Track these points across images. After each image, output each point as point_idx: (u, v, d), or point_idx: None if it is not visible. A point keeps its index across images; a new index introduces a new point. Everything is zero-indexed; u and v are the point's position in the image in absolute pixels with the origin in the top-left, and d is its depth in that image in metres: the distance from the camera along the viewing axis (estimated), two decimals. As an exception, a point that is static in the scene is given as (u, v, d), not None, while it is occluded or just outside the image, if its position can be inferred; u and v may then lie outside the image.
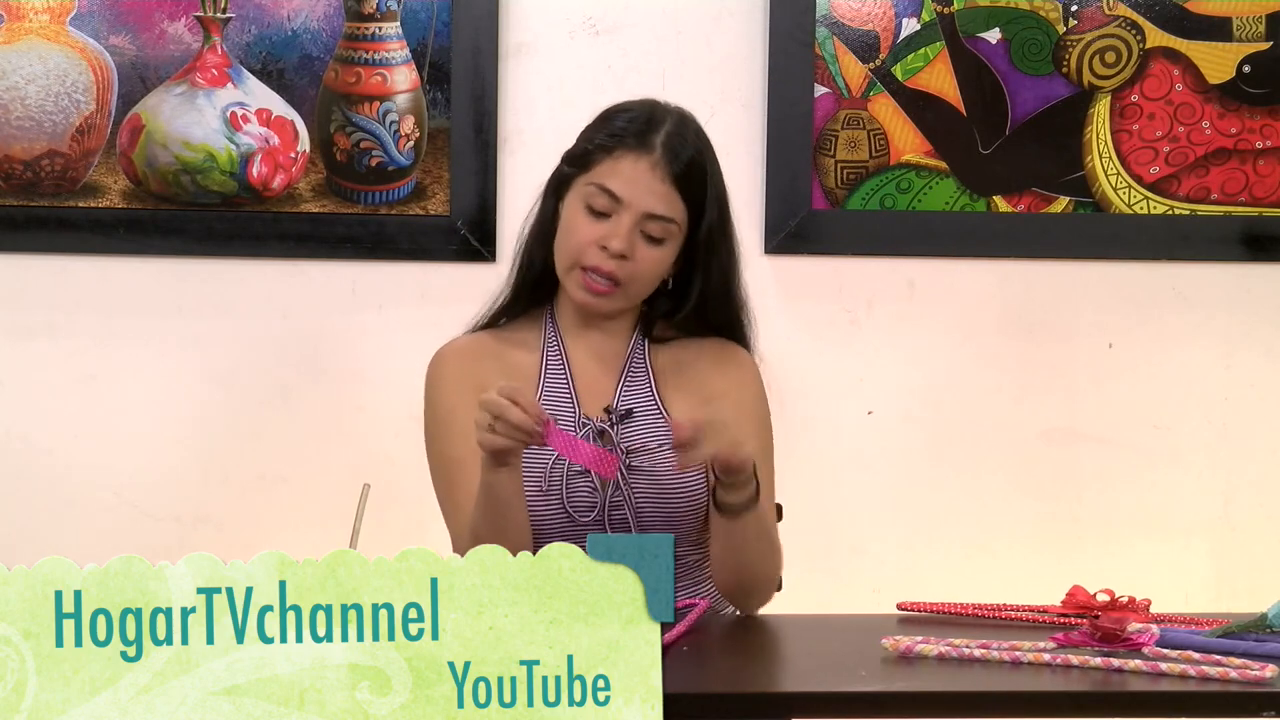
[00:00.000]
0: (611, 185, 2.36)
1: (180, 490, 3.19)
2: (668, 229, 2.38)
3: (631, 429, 2.41)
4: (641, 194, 2.36)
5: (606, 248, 2.36)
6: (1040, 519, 3.29)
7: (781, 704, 1.95)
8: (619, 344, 2.47)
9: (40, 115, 3.16)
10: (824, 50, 3.21)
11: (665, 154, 2.37)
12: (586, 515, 2.38)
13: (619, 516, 2.38)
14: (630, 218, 2.36)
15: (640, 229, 2.37)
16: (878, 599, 2.90)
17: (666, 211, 2.37)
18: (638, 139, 2.38)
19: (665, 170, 2.36)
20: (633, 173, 2.36)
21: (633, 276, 2.38)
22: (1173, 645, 1.99)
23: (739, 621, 2.42)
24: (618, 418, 2.41)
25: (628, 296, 2.41)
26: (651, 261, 2.39)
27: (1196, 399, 3.31)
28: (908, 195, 3.24)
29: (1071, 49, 3.25)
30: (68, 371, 3.19)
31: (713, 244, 2.43)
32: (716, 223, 2.42)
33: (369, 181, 3.19)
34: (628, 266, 2.37)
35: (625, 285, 2.39)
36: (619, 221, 2.36)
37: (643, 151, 2.37)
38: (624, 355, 2.47)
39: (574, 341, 2.46)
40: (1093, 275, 3.28)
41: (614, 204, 2.36)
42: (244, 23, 3.17)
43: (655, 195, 2.36)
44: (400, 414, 3.19)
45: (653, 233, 2.37)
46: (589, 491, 2.38)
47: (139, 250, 3.18)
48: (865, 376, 3.27)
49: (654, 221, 2.37)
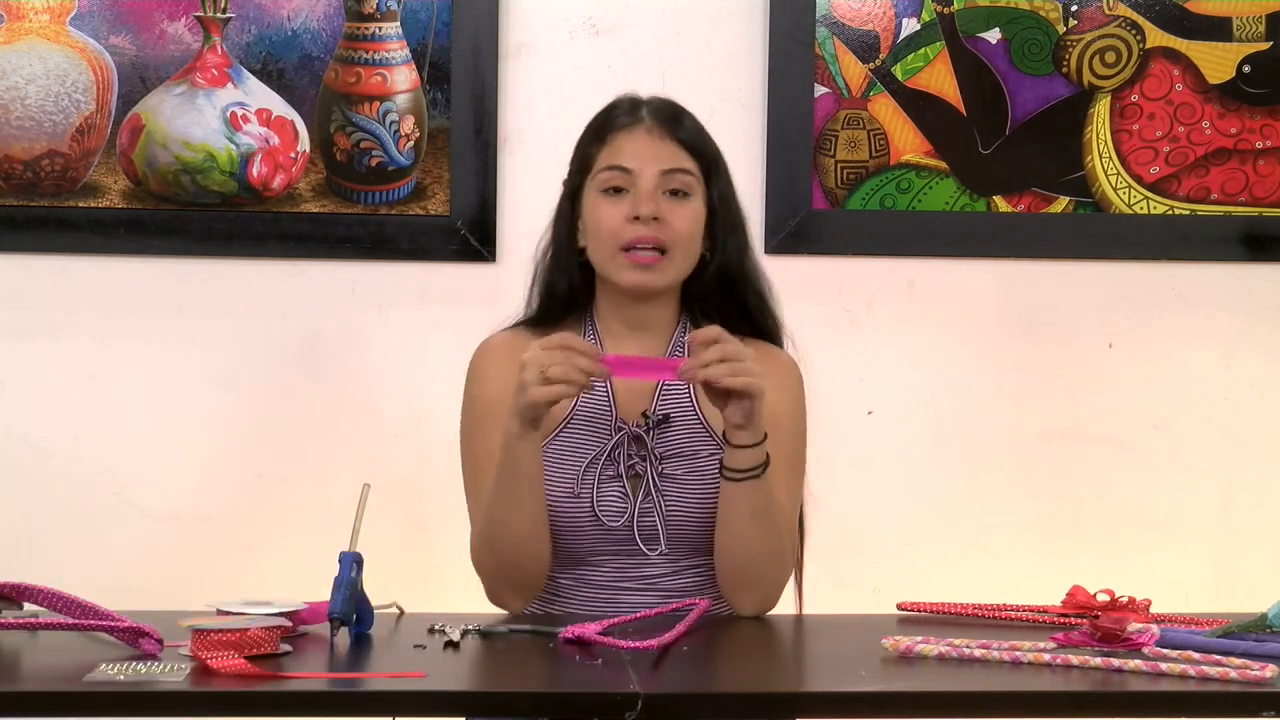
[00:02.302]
0: (619, 161, 2.40)
1: (180, 490, 3.19)
2: (686, 180, 2.41)
3: (668, 435, 2.40)
4: (649, 158, 2.40)
5: (638, 216, 2.37)
6: (1040, 519, 3.28)
7: (782, 704, 1.95)
8: (659, 348, 2.46)
9: (40, 115, 3.16)
10: (824, 50, 3.21)
11: (657, 118, 2.42)
12: (616, 520, 2.37)
13: (648, 523, 2.37)
14: (648, 180, 2.39)
15: (662, 189, 2.39)
16: (878, 599, 2.90)
17: (680, 164, 2.41)
18: (626, 117, 2.43)
19: (663, 130, 2.42)
20: (633, 144, 2.41)
21: (674, 239, 2.40)
22: (1173, 645, 1.99)
23: (739, 621, 2.42)
24: (654, 423, 2.40)
25: (675, 263, 2.41)
26: (685, 218, 2.40)
27: (1196, 399, 3.31)
28: (908, 195, 3.24)
29: (1071, 49, 3.25)
30: (68, 371, 3.19)
31: (720, 199, 2.45)
32: (722, 180, 2.45)
33: (369, 181, 3.19)
34: (666, 230, 2.38)
35: (670, 250, 2.40)
36: (639, 189, 2.39)
37: (634, 124, 2.42)
38: (664, 357, 2.45)
39: (613, 346, 2.44)
40: (1093, 275, 3.28)
41: (627, 176, 2.40)
42: (244, 23, 3.17)
43: (663, 153, 2.41)
44: (400, 414, 3.20)
45: (676, 186, 2.40)
46: (619, 497, 2.38)
47: (139, 250, 3.18)
48: (865, 376, 3.27)
49: (672, 175, 2.40)
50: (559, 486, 2.36)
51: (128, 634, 2.00)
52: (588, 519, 2.37)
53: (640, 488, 2.37)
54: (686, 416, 2.42)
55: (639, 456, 2.38)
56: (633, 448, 2.38)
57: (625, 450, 2.38)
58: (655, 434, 2.40)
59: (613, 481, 2.37)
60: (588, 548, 2.38)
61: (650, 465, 2.37)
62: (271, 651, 1.95)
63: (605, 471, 2.37)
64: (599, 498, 2.37)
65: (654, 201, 2.37)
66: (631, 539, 2.37)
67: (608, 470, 2.37)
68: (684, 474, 2.38)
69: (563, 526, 2.37)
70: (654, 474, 2.37)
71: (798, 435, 2.49)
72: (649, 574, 2.39)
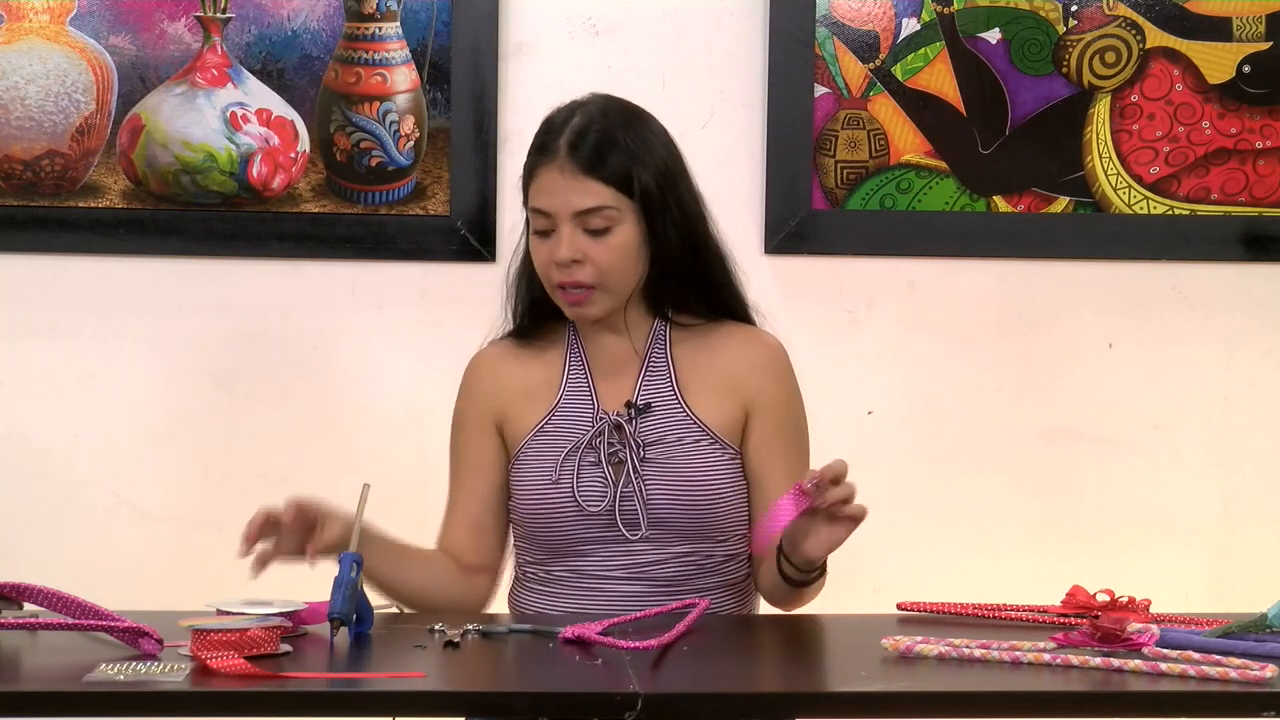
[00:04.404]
0: (537, 204, 2.42)
1: (180, 490, 3.19)
2: (606, 216, 2.40)
3: (649, 422, 2.44)
4: (560, 200, 2.40)
5: (556, 260, 2.40)
6: (1040, 519, 3.28)
7: (782, 704, 1.95)
8: (638, 340, 2.50)
9: (40, 115, 3.16)
10: (824, 50, 3.21)
11: (568, 151, 2.40)
12: (597, 505, 2.40)
13: (629, 507, 2.40)
14: (564, 224, 2.40)
15: (580, 228, 2.39)
16: (878, 599, 2.90)
17: (592, 203, 2.39)
18: (544, 150, 2.42)
19: (572, 165, 2.39)
20: (548, 183, 2.40)
21: (601, 273, 2.41)
22: (1173, 645, 1.99)
23: (739, 621, 2.43)
24: (636, 411, 2.44)
25: (610, 293, 2.43)
26: (609, 251, 2.40)
27: (1196, 399, 3.31)
28: (908, 195, 3.24)
29: (1071, 49, 3.25)
30: (68, 371, 3.19)
31: (653, 206, 2.43)
32: (652, 185, 2.42)
33: (369, 181, 3.19)
34: (587, 269, 2.40)
35: (599, 284, 2.41)
36: (558, 233, 2.40)
37: (550, 160, 2.41)
38: (643, 350, 2.49)
39: (592, 342, 2.50)
40: (1093, 275, 3.28)
41: (548, 220, 2.41)
42: (244, 23, 3.17)
43: (574, 193, 2.39)
44: (400, 414, 3.20)
45: (593, 226, 2.40)
46: (600, 482, 2.41)
47: (139, 250, 3.18)
48: (865, 376, 3.27)
49: (587, 216, 2.40)
50: (541, 476, 2.42)
51: (128, 634, 2.00)
52: (569, 506, 2.41)
53: (621, 473, 2.41)
54: (668, 404, 2.46)
55: (620, 444, 2.42)
56: (614, 436, 2.43)
57: (607, 438, 2.42)
58: (638, 421, 2.43)
59: (593, 468, 2.42)
60: (572, 536, 2.42)
61: (630, 451, 2.41)
62: (271, 651, 1.96)
63: (586, 459, 2.42)
64: (579, 484, 2.41)
65: (572, 245, 2.39)
66: (613, 523, 2.40)
67: (588, 458, 2.42)
68: (665, 458, 2.42)
69: (545, 516, 2.42)
70: (634, 458, 2.41)
71: (801, 419, 2.53)
72: (637, 561, 2.41)
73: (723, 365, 2.49)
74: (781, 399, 2.49)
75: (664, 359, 2.48)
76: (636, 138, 2.43)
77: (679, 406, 2.45)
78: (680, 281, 2.48)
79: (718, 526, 2.44)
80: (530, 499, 2.44)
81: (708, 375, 2.48)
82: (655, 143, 2.45)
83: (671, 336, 2.50)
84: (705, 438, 2.44)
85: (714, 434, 2.44)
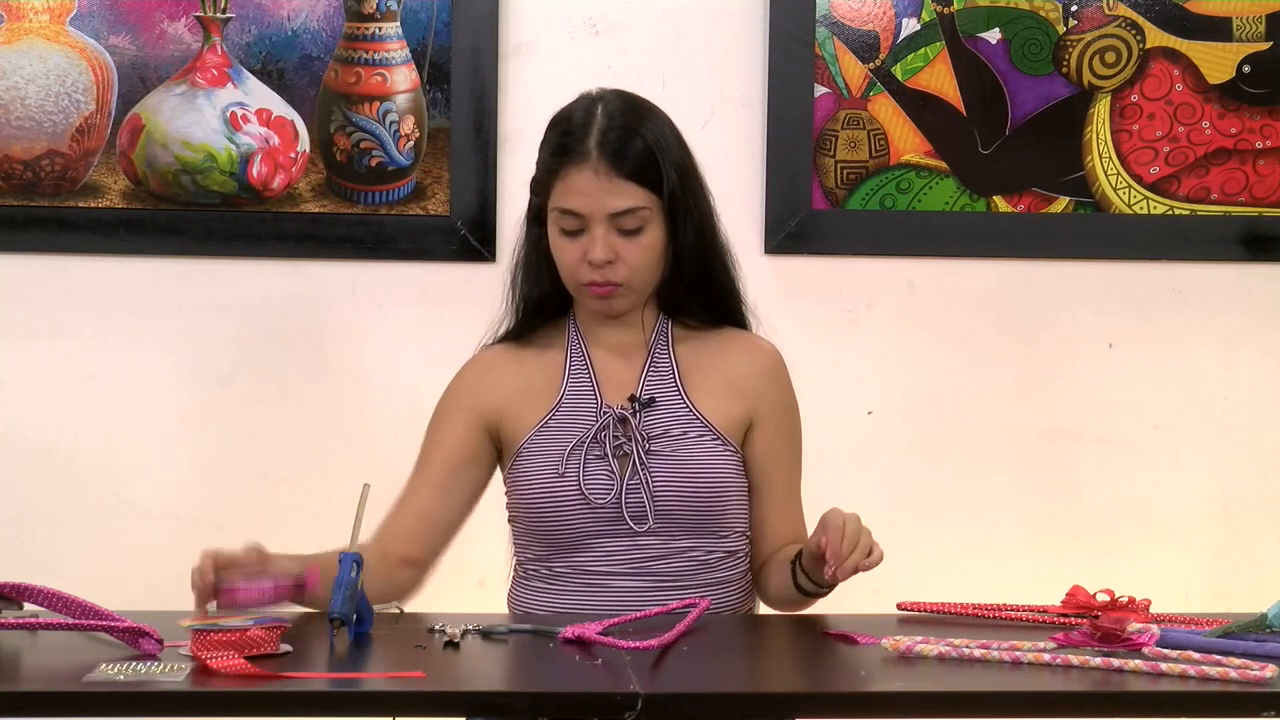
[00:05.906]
0: (569, 205, 2.41)
1: (180, 490, 3.19)
2: (639, 216, 2.41)
3: (654, 416, 2.45)
4: (596, 202, 2.39)
5: (591, 261, 2.40)
6: (1040, 519, 3.28)
7: (782, 704, 1.95)
8: (641, 337, 2.51)
9: (40, 115, 3.16)
10: (824, 50, 3.21)
11: (602, 153, 2.39)
12: (603, 498, 2.40)
13: (635, 501, 2.40)
14: (598, 226, 2.40)
15: (613, 229, 2.40)
16: (878, 599, 2.90)
17: (628, 204, 2.40)
18: (570, 152, 2.41)
19: (608, 168, 2.39)
20: (581, 185, 2.40)
21: (631, 271, 2.42)
22: (1173, 645, 1.99)
23: (739, 621, 2.43)
24: (640, 405, 2.45)
25: (635, 289, 2.45)
26: (641, 250, 2.42)
27: (1196, 399, 3.31)
28: (908, 195, 3.24)
29: (1071, 49, 3.25)
30: (68, 371, 3.19)
31: (676, 205, 2.43)
32: (677, 184, 2.43)
33: (369, 181, 3.19)
34: (619, 269, 2.41)
35: (627, 282, 2.43)
36: (591, 233, 2.40)
37: (583, 161, 2.40)
38: (646, 347, 2.50)
39: (595, 339, 2.51)
40: (1093, 275, 3.28)
41: (579, 220, 2.41)
42: (244, 23, 3.17)
43: (610, 195, 2.39)
44: (400, 414, 3.19)
45: (627, 226, 2.41)
46: (606, 476, 2.41)
47: (139, 250, 3.18)
48: (865, 376, 3.27)
49: (621, 217, 2.40)
50: (546, 470, 2.42)
51: (128, 634, 2.00)
52: (575, 499, 2.41)
53: (627, 466, 2.41)
54: (671, 399, 2.46)
55: (625, 437, 2.43)
56: (619, 429, 2.43)
57: (611, 432, 2.43)
58: (641, 415, 2.44)
59: (599, 461, 2.42)
60: (577, 529, 2.42)
61: (636, 444, 2.41)
62: (271, 651, 1.96)
63: (591, 452, 2.42)
64: (586, 477, 2.41)
65: (606, 247, 2.40)
66: (620, 517, 2.40)
67: (594, 451, 2.42)
68: (670, 451, 2.43)
69: (550, 509, 2.42)
70: (640, 452, 2.41)
71: (799, 425, 2.55)
72: (642, 556, 2.42)
73: (726, 367, 2.50)
74: (783, 406, 2.52)
75: (667, 356, 2.49)
76: (659, 135, 2.44)
77: (682, 402, 2.46)
78: (690, 280, 2.49)
79: (721, 522, 2.44)
80: (535, 493, 2.43)
81: (711, 375, 2.49)
82: (672, 140, 2.46)
83: (674, 335, 2.51)
84: (709, 434, 2.44)
85: (717, 431, 2.44)
